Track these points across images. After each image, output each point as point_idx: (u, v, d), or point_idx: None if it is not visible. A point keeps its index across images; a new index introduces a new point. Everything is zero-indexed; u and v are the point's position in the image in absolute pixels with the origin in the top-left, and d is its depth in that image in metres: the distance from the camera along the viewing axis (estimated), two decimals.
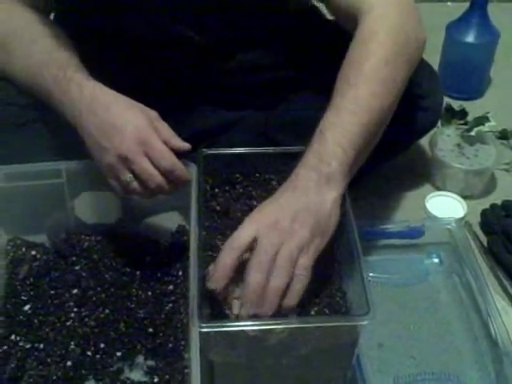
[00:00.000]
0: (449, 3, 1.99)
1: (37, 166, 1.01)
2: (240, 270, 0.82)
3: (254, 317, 0.76)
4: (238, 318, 0.78)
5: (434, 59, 1.53)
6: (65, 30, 0.99)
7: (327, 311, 0.83)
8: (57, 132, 1.01)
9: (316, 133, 0.84)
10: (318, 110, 0.92)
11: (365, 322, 0.76)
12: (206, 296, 0.83)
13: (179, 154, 0.89)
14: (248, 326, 0.77)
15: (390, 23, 0.90)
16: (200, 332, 0.75)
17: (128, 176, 0.86)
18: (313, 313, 0.82)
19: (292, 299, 0.77)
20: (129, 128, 0.85)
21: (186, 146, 0.89)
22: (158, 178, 0.86)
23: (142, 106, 0.89)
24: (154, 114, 0.89)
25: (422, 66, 1.14)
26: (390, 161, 1.23)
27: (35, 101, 0.97)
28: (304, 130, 0.89)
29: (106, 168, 0.87)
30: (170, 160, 0.86)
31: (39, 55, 0.93)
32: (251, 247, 0.78)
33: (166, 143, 0.87)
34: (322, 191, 0.80)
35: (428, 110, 1.16)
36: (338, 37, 1.02)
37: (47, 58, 0.92)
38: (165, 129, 0.88)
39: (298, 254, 0.77)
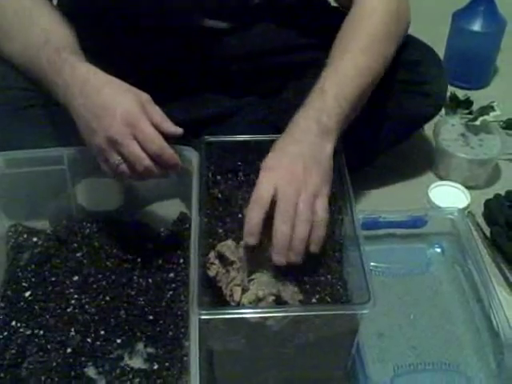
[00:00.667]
0: None
1: (38, 152, 1.00)
2: (243, 259, 0.83)
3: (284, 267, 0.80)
4: (239, 306, 0.78)
5: (440, 48, 1.53)
6: (68, 14, 0.99)
7: (328, 300, 0.83)
8: (58, 117, 1.01)
9: (316, 89, 0.90)
10: None
11: (365, 311, 0.76)
12: (207, 284, 0.83)
13: (171, 138, 0.88)
14: (248, 313, 0.77)
15: (388, 2, 0.98)
16: (200, 319, 0.75)
17: (116, 158, 0.86)
18: (314, 301, 0.82)
19: (317, 245, 0.82)
20: (118, 110, 0.85)
21: (177, 130, 0.88)
22: (145, 161, 0.85)
23: (134, 89, 0.88)
24: (145, 96, 0.88)
25: (426, 51, 1.14)
26: (395, 146, 1.23)
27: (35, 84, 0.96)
28: None
29: (96, 150, 0.87)
30: (158, 143, 0.85)
31: (37, 37, 0.93)
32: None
33: (156, 127, 0.86)
34: (322, 141, 0.87)
35: (432, 96, 1.15)
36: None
37: (44, 40, 0.92)
38: (156, 112, 0.88)
39: (314, 201, 0.82)
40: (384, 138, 1.18)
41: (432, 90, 1.14)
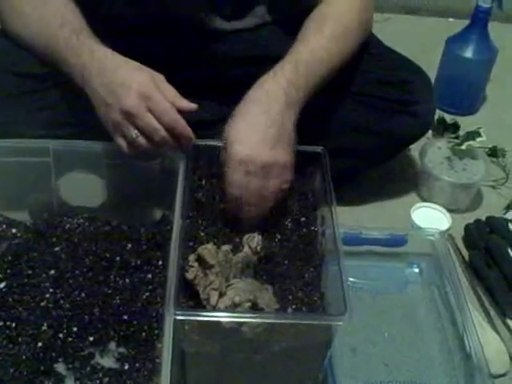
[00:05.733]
0: (450, 19, 2.00)
1: (23, 143, 1.00)
2: (222, 264, 0.83)
3: None
4: (214, 310, 0.78)
5: (432, 73, 1.54)
6: None
7: (304, 310, 0.83)
8: (49, 104, 1.02)
9: (290, 59, 0.94)
10: (311, 107, 0.93)
11: (340, 323, 0.76)
12: (184, 286, 0.82)
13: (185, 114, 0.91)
14: (224, 317, 0.76)
15: None
16: (175, 320, 0.75)
17: (133, 132, 0.88)
18: (290, 310, 0.82)
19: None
20: (133, 85, 0.87)
21: (191, 106, 0.91)
22: (161, 132, 0.88)
23: (149, 69, 0.91)
24: (159, 76, 0.91)
25: (416, 71, 1.16)
26: (381, 164, 1.24)
27: (32, 71, 0.99)
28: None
29: (112, 125, 0.89)
30: (171, 116, 0.88)
31: (53, 19, 0.95)
32: None
33: (170, 103, 0.89)
34: (288, 113, 0.91)
35: (420, 116, 1.15)
36: None
37: (60, 23, 0.94)
38: (169, 90, 0.90)
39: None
40: (369, 154, 1.18)
41: (420, 110, 1.15)
